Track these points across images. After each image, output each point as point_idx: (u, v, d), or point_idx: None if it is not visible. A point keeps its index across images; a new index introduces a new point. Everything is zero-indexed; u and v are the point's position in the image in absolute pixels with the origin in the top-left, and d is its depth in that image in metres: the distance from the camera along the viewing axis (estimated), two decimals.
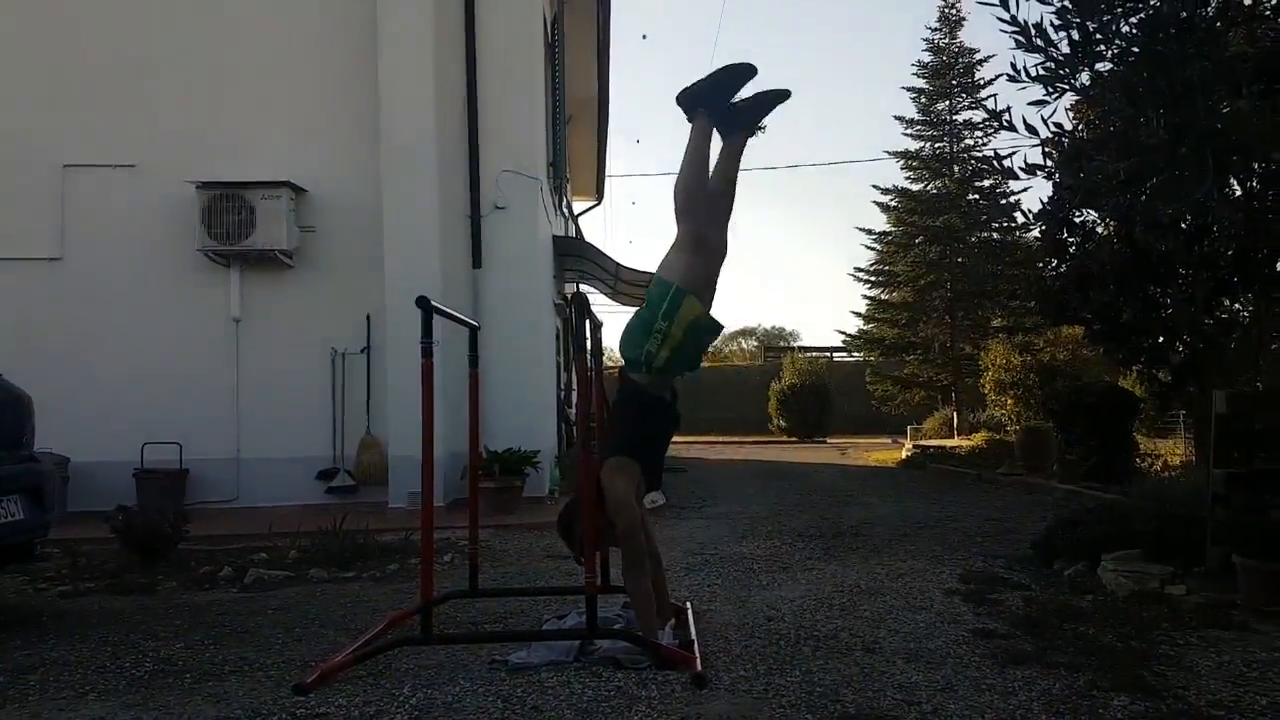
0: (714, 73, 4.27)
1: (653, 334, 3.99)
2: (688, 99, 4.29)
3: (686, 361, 4.16)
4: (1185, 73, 3.83)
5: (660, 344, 3.99)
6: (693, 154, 4.23)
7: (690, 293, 4.03)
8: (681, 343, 4.01)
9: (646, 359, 4.02)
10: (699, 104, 4.25)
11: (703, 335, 4.16)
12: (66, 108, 9.50)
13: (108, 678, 3.88)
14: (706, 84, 4.26)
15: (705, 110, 4.25)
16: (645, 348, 4.01)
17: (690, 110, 4.29)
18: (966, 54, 23.92)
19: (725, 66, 4.25)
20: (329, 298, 9.55)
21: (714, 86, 4.24)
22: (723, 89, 4.24)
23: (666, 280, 4.07)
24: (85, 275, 9.41)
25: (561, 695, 3.45)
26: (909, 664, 3.86)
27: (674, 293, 4.01)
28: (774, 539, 7.42)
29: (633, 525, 3.98)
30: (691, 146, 4.24)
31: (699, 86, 4.27)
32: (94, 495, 8.62)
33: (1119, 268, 7.54)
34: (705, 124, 4.26)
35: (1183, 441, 12.98)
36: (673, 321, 3.98)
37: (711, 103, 4.26)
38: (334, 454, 9.48)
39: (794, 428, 25.78)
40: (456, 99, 9.62)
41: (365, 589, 5.73)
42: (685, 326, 4.00)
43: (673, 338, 3.99)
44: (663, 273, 4.15)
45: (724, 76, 4.23)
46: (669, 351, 4.00)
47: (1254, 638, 4.24)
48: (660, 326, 3.98)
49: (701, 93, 4.25)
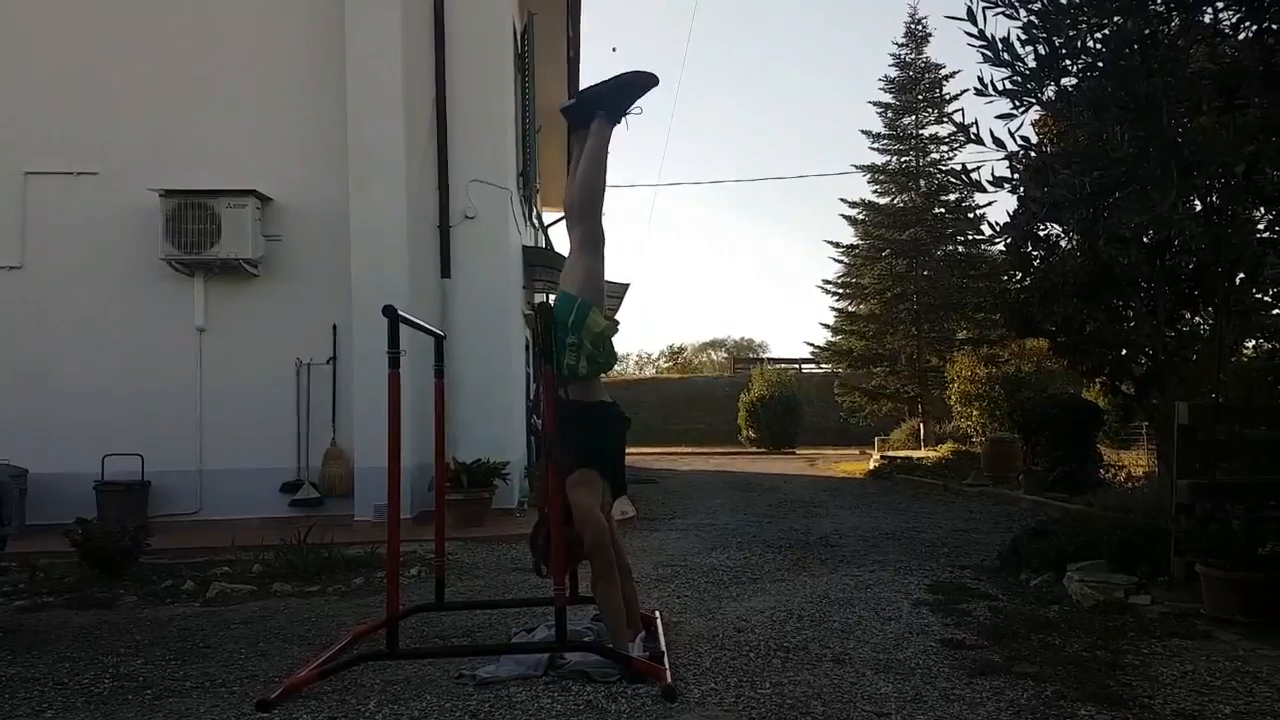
0: (619, 77, 4.39)
1: (567, 348, 4.11)
2: (589, 102, 4.41)
3: (604, 365, 4.30)
4: (1149, 87, 3.90)
5: (577, 357, 4.12)
6: (597, 157, 4.38)
7: (593, 306, 4.18)
8: (594, 352, 4.15)
9: (570, 372, 4.13)
10: (603, 107, 4.38)
11: (609, 340, 4.27)
12: (28, 113, 9.34)
13: (66, 694, 3.79)
14: (611, 88, 4.38)
15: (606, 114, 4.38)
16: (565, 361, 4.12)
17: (589, 112, 4.40)
18: (933, 69, 24.26)
19: (631, 73, 4.39)
20: (295, 308, 9.43)
21: (618, 90, 4.37)
22: (627, 95, 4.38)
23: (570, 294, 4.21)
24: (46, 284, 9.23)
25: (530, 709, 3.41)
26: (878, 675, 3.86)
27: (579, 306, 4.15)
28: (744, 550, 7.42)
29: (600, 537, 3.97)
30: (595, 149, 4.37)
31: (602, 90, 4.40)
32: (54, 508, 8.40)
33: (1082, 281, 7.65)
34: (606, 127, 4.39)
35: (1146, 453, 13.17)
36: (581, 334, 4.11)
37: (616, 107, 4.39)
38: (299, 466, 9.36)
39: (763, 439, 25.88)
40: (425, 108, 9.57)
41: (330, 603, 5.65)
42: (593, 338, 4.14)
43: (585, 348, 4.13)
44: (565, 285, 4.31)
45: (629, 82, 4.37)
46: (586, 361, 4.14)
47: (1218, 646, 4.29)
48: (572, 340, 4.11)
49: (606, 96, 4.38)
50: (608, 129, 4.40)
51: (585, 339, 4.11)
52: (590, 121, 4.40)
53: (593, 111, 4.39)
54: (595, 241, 4.34)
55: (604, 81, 4.41)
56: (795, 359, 33.16)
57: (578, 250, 4.35)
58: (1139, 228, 5.89)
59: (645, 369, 53.37)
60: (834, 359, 26.63)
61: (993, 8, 4.46)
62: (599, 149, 4.37)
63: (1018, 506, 10.38)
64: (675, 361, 54.26)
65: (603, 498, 4.14)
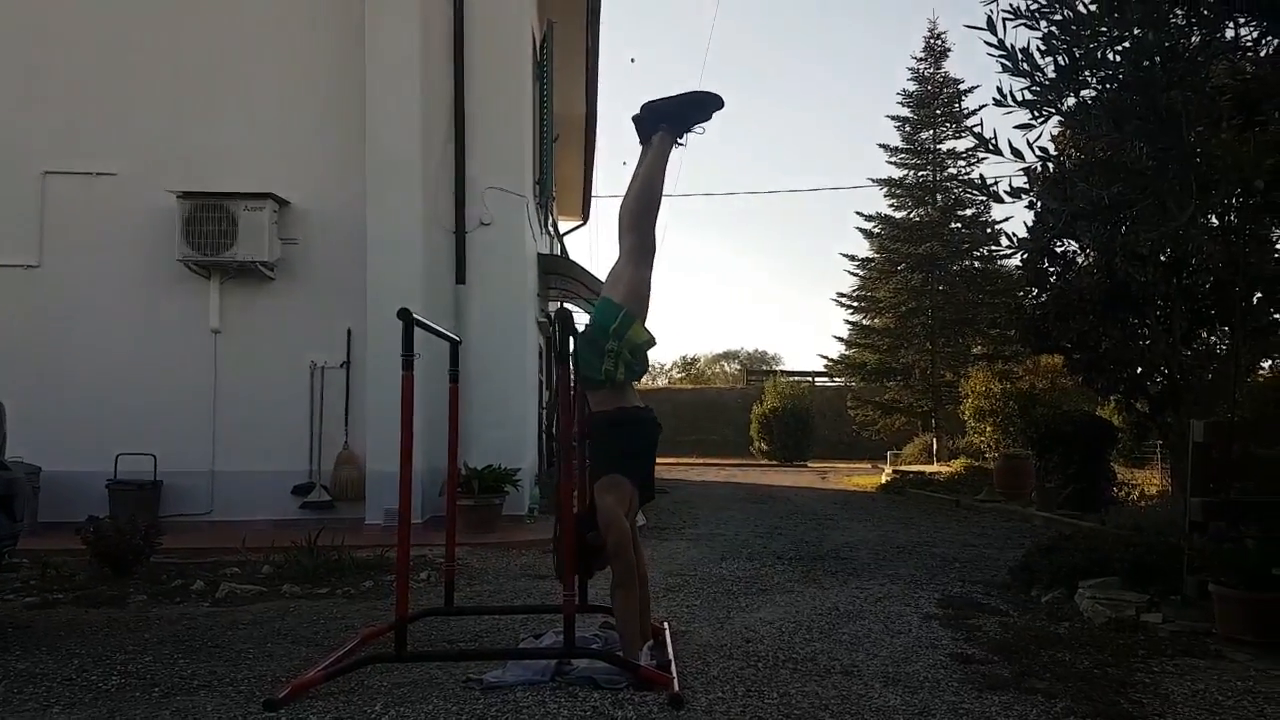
0: (688, 94, 4.42)
1: (606, 354, 4.12)
2: (655, 114, 4.42)
3: (639, 373, 4.31)
4: (1169, 100, 3.88)
5: (615, 363, 4.13)
6: (656, 168, 4.39)
7: (635, 319, 4.19)
8: (631, 361, 4.17)
9: (607, 377, 4.15)
10: (668, 120, 4.40)
11: (645, 352, 4.29)
12: (47, 113, 9.44)
13: (74, 690, 3.80)
14: (679, 102, 4.41)
15: (668, 128, 4.40)
16: (604, 367, 4.13)
17: (654, 125, 4.41)
18: (951, 84, 24.26)
19: (700, 91, 4.44)
20: (310, 311, 9.48)
21: (683, 105, 4.41)
22: (694, 111, 4.41)
23: (615, 303, 4.21)
24: (63, 283, 9.32)
25: (537, 715, 3.41)
26: (887, 687, 3.84)
27: (623, 317, 4.16)
28: (754, 561, 7.39)
29: (623, 542, 3.97)
30: (654, 161, 4.39)
31: (669, 104, 4.42)
32: (66, 506, 8.49)
33: (1099, 298, 7.62)
34: (668, 141, 4.41)
35: (1160, 471, 13.07)
36: (622, 341, 4.13)
37: (681, 122, 4.41)
38: (311, 469, 9.39)
39: (775, 451, 25.80)
40: (444, 114, 9.63)
41: (339, 605, 5.65)
42: (633, 348, 4.16)
43: (624, 357, 4.14)
44: (610, 293, 4.30)
45: (698, 100, 4.40)
46: (624, 368, 4.16)
47: (1229, 666, 4.25)
48: (612, 347, 4.12)
49: (672, 110, 4.41)
50: (669, 143, 4.41)
51: (625, 348, 4.12)
52: (653, 134, 4.42)
53: (658, 124, 4.40)
54: (646, 251, 4.34)
55: (675, 96, 4.43)
56: (808, 372, 33.09)
57: (627, 258, 4.33)
58: (1156, 245, 5.87)
59: (658, 379, 53.26)
60: (847, 372, 26.58)
61: (1013, 18, 4.46)
62: (659, 160, 4.39)
63: (1030, 523, 10.31)
64: (688, 372, 54.16)
65: (629, 504, 4.15)
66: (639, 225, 4.35)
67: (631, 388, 4.35)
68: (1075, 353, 8.52)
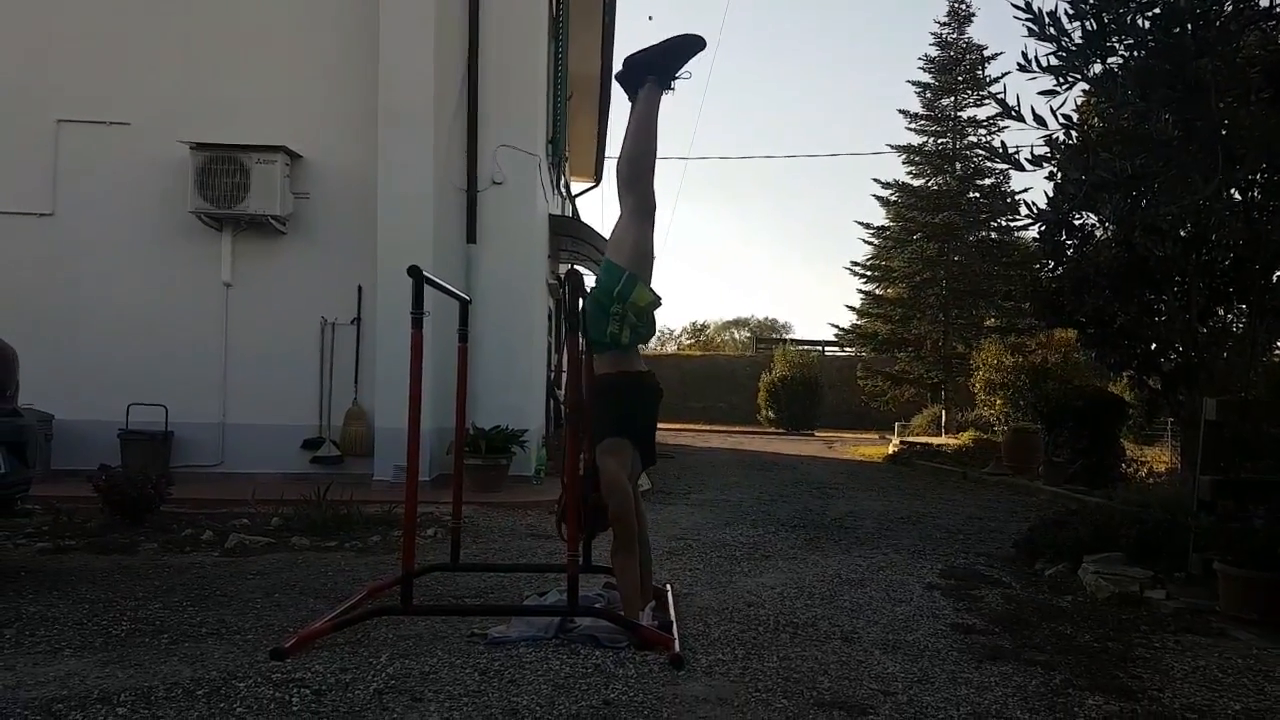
0: (666, 41, 4.34)
1: (611, 317, 4.11)
2: (639, 67, 4.34)
3: (645, 336, 4.30)
4: (1197, 69, 3.80)
5: (621, 326, 4.13)
6: (646, 122, 4.33)
7: (640, 280, 4.16)
8: (637, 324, 4.17)
9: (613, 340, 4.14)
10: (652, 72, 4.32)
11: (652, 313, 4.28)
12: (61, 62, 9.39)
13: (84, 634, 3.85)
14: (658, 51, 4.33)
15: (656, 79, 4.33)
16: (609, 330, 4.13)
17: (638, 77, 4.34)
18: (974, 50, 23.88)
19: (679, 36, 4.34)
20: (321, 266, 9.47)
21: (664, 54, 4.32)
22: (675, 57, 4.32)
23: (618, 265, 4.18)
24: (76, 232, 9.32)
25: (539, 670, 3.44)
26: (886, 655, 3.86)
27: (626, 279, 4.13)
28: (758, 527, 7.42)
29: (625, 505, 3.98)
30: (644, 114, 4.33)
31: (651, 54, 4.34)
32: (78, 454, 8.57)
33: (1116, 272, 7.53)
34: (656, 92, 4.34)
35: (1170, 449, 13.02)
36: (626, 304, 4.11)
37: (665, 70, 4.33)
38: (320, 424, 9.44)
39: (782, 420, 25.81)
40: (457, 70, 9.54)
41: (346, 559, 5.71)
42: (637, 311, 4.15)
43: (629, 320, 4.13)
44: (613, 255, 4.26)
45: (677, 45, 4.31)
46: (629, 330, 4.15)
47: (1231, 644, 4.26)
48: (617, 310, 4.11)
49: (654, 60, 4.33)
50: (657, 94, 4.34)
51: (630, 311, 4.11)
52: (639, 88, 4.35)
53: (642, 77, 4.33)
54: (646, 211, 4.30)
55: (653, 45, 4.35)
56: (818, 341, 32.99)
57: (628, 219, 4.29)
58: (1176, 220, 5.78)
59: (667, 345, 53.28)
60: (858, 342, 26.49)
61: None
62: (648, 114, 4.32)
63: (1036, 497, 10.32)
64: (697, 339, 54.13)
65: (631, 467, 4.15)
66: (637, 183, 4.31)
67: (636, 351, 4.34)
68: (1089, 327, 8.43)
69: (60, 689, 3.12)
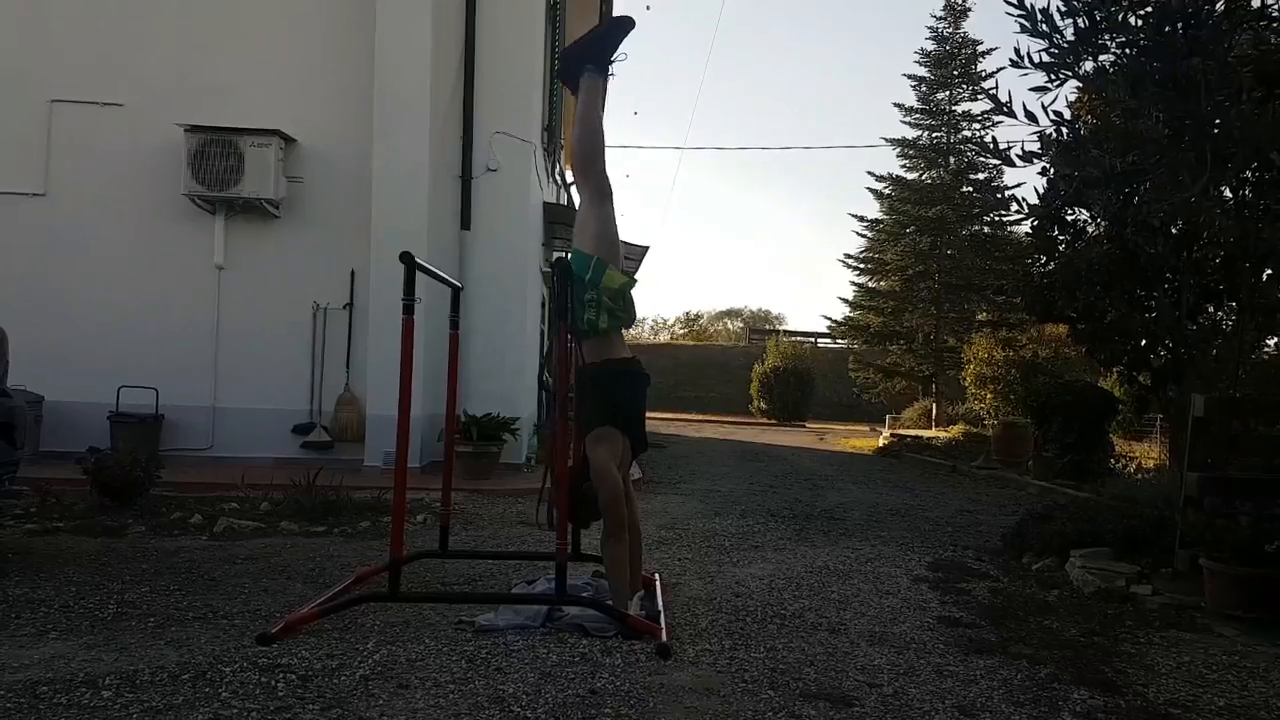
0: (599, 29, 4.47)
1: (586, 304, 4.14)
2: (573, 59, 4.44)
3: (625, 319, 4.31)
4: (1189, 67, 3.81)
5: (597, 311, 4.15)
6: (592, 110, 4.39)
7: (607, 264, 4.20)
8: (614, 307, 4.19)
9: (590, 327, 4.17)
10: (588, 61, 4.40)
11: (628, 294, 4.30)
12: (55, 42, 9.31)
13: (70, 617, 3.85)
14: (591, 40, 4.44)
15: (593, 67, 4.40)
16: (585, 317, 4.15)
17: (576, 69, 4.41)
18: (969, 45, 23.89)
19: (611, 20, 4.48)
20: (314, 251, 9.43)
21: (595, 43, 4.42)
22: (607, 44, 4.42)
23: (585, 253, 4.23)
24: (68, 213, 9.26)
25: (526, 658, 3.45)
26: (873, 646, 3.88)
27: (595, 264, 4.17)
28: (747, 518, 7.44)
29: (615, 494, 3.99)
30: (587, 104, 4.39)
31: (584, 44, 4.45)
32: (67, 436, 8.55)
33: (1107, 268, 7.57)
34: (595, 80, 4.41)
35: (1158, 445, 13.10)
36: (599, 289, 4.14)
37: (600, 58, 4.41)
38: (311, 409, 9.42)
39: (774, 410, 25.87)
40: (453, 56, 9.49)
41: (335, 544, 5.70)
42: (611, 294, 4.17)
43: (604, 304, 4.16)
44: (580, 244, 4.31)
45: (607, 31, 4.43)
46: (606, 315, 4.17)
47: (1216, 640, 4.29)
48: (590, 296, 4.14)
49: (588, 50, 4.42)
50: (597, 81, 4.42)
51: (602, 295, 4.13)
52: (579, 78, 4.41)
53: (580, 68, 4.40)
54: (602, 195, 4.36)
55: (584, 37, 4.47)
56: (811, 332, 33.07)
57: (587, 206, 4.38)
58: (1167, 217, 5.80)
59: (660, 334, 53.31)
60: (851, 334, 26.55)
61: None
62: (591, 103, 4.39)
63: (1025, 491, 10.36)
64: (690, 329, 54.16)
65: (622, 455, 4.16)
66: (589, 170, 4.38)
67: (620, 338, 4.36)
68: (1080, 322, 8.48)
69: (45, 671, 3.12)
